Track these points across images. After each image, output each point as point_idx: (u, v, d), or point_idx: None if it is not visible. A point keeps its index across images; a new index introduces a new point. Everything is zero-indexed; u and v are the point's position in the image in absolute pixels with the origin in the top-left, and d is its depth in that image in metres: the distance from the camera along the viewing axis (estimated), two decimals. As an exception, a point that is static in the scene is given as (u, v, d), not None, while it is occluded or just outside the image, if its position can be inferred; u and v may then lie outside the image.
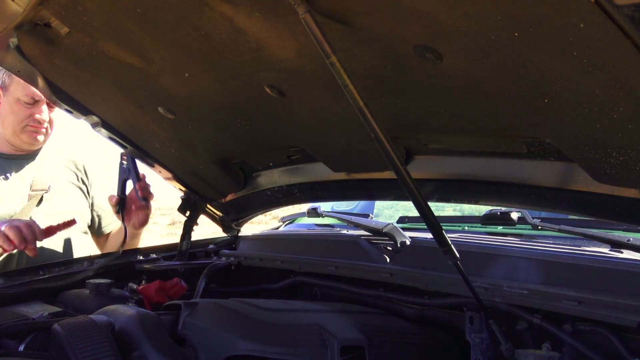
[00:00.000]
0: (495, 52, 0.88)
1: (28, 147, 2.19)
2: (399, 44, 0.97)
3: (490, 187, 1.33)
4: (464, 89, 1.02)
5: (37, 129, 2.13)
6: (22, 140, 2.15)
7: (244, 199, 2.05)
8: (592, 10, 0.70)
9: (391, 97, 1.16)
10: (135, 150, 1.91)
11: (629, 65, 0.77)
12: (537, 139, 1.14)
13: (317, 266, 1.64)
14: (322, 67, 0.98)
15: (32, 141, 2.16)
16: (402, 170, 0.99)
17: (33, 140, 2.16)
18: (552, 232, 1.67)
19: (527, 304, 1.14)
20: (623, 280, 1.05)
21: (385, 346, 1.25)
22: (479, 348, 1.22)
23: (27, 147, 2.19)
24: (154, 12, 1.13)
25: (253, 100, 1.39)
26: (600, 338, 1.08)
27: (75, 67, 1.50)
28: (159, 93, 1.49)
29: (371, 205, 2.62)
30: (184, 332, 1.27)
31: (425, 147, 1.38)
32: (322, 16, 0.93)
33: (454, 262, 1.08)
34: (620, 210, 1.11)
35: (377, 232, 1.62)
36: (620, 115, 0.87)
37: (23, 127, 2.12)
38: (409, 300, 1.43)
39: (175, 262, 1.99)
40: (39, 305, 1.54)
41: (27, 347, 1.27)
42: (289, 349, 1.18)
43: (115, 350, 1.10)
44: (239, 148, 1.77)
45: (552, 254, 1.21)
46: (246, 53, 1.16)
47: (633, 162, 0.96)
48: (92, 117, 1.77)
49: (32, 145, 2.18)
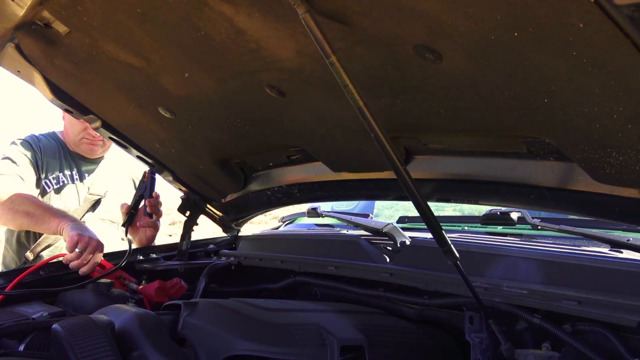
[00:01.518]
0: (495, 52, 0.88)
1: (89, 155, 2.40)
2: (398, 44, 0.97)
3: (490, 187, 1.33)
4: (464, 89, 1.02)
5: (92, 141, 2.33)
6: (81, 150, 2.37)
7: (244, 199, 2.05)
8: (591, 10, 0.70)
9: (391, 97, 1.16)
10: (136, 150, 1.92)
11: (628, 65, 0.77)
12: (537, 139, 1.14)
13: (317, 266, 1.64)
14: (322, 67, 0.98)
15: (89, 152, 2.38)
16: (402, 170, 0.99)
17: (90, 152, 2.37)
18: (552, 232, 1.67)
19: (527, 303, 1.14)
20: (623, 280, 1.05)
21: (385, 346, 1.25)
22: (479, 348, 1.21)
23: (88, 156, 2.40)
24: (154, 12, 1.13)
25: (253, 100, 1.39)
26: (600, 338, 1.08)
27: (75, 67, 1.50)
28: (159, 93, 1.49)
29: (371, 205, 2.62)
30: (184, 332, 1.28)
31: (425, 147, 1.38)
32: (322, 16, 0.93)
33: (454, 262, 1.08)
34: (620, 210, 1.11)
35: (377, 232, 1.62)
36: (620, 115, 0.87)
37: (80, 139, 2.33)
38: (409, 300, 1.43)
39: (175, 262, 1.99)
40: (39, 305, 1.54)
41: (27, 347, 1.27)
42: (289, 348, 1.18)
43: (115, 350, 1.10)
44: (239, 148, 1.77)
45: (551, 254, 1.21)
46: (246, 53, 1.16)
47: (633, 162, 0.96)
48: (92, 117, 1.77)
49: (92, 154, 2.40)
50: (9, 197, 2.04)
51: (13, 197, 2.03)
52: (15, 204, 2.01)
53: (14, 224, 2.09)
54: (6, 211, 2.02)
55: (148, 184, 2.05)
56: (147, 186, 2.05)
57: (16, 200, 2.02)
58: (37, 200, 2.09)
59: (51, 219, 1.91)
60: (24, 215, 1.98)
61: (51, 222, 1.90)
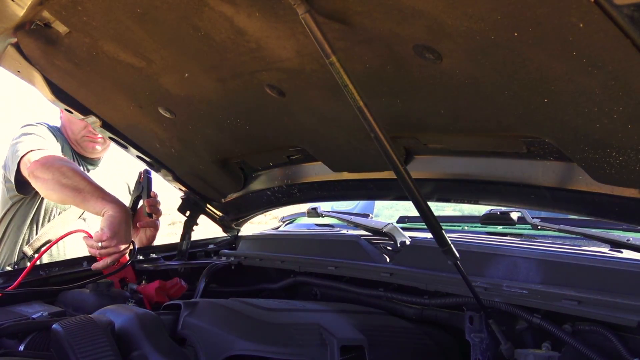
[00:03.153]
0: (495, 52, 0.88)
1: (89, 155, 2.40)
2: (398, 44, 0.97)
3: (490, 187, 1.33)
4: (464, 89, 1.02)
5: (93, 139, 2.34)
6: (83, 148, 2.37)
7: (244, 199, 2.05)
8: (591, 10, 0.70)
9: (391, 97, 1.16)
10: (136, 150, 1.92)
11: (628, 65, 0.77)
12: (537, 139, 1.14)
13: (317, 266, 1.64)
14: (322, 67, 0.98)
15: (92, 150, 2.37)
16: (402, 170, 0.99)
17: (92, 149, 2.37)
18: (552, 232, 1.67)
19: (527, 303, 1.14)
20: (623, 280, 1.05)
21: (385, 346, 1.25)
22: (479, 348, 1.22)
23: (89, 155, 2.41)
24: (154, 12, 1.13)
25: (253, 100, 1.39)
26: (599, 338, 1.08)
27: (75, 67, 1.50)
28: (159, 93, 1.49)
29: (371, 205, 2.62)
30: (184, 332, 1.27)
31: (425, 147, 1.38)
32: (322, 16, 0.93)
33: (454, 262, 1.08)
34: (620, 209, 1.12)
35: (377, 232, 1.62)
36: (620, 115, 0.87)
37: (81, 137, 2.33)
38: (409, 300, 1.43)
39: (175, 262, 1.99)
40: (39, 305, 1.53)
41: (27, 346, 1.27)
42: (289, 348, 1.18)
43: (115, 350, 1.10)
44: (239, 148, 1.77)
45: (551, 254, 1.21)
46: (246, 53, 1.16)
47: (633, 162, 0.96)
48: (92, 117, 1.77)
49: (92, 153, 2.40)
50: (58, 167, 1.94)
51: (64, 169, 1.92)
52: (65, 176, 1.90)
53: (57, 196, 1.96)
54: (54, 182, 1.90)
55: (145, 184, 2.04)
56: (144, 186, 2.04)
57: (67, 172, 1.91)
58: (86, 175, 1.98)
59: (98, 200, 1.84)
60: (71, 190, 1.87)
61: (97, 204, 1.84)
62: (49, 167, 1.94)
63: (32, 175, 1.98)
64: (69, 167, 1.96)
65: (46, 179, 1.93)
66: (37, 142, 2.14)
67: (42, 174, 1.94)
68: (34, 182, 2.00)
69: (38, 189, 2.03)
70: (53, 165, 1.95)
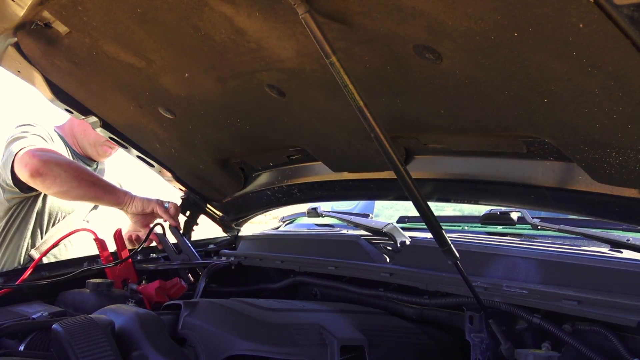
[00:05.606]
0: (495, 52, 0.88)
1: (98, 158, 2.42)
2: (398, 44, 0.97)
3: (490, 187, 1.33)
4: (464, 89, 1.02)
5: (113, 145, 2.32)
6: (97, 152, 2.37)
7: (244, 199, 2.06)
8: (591, 10, 0.70)
9: (391, 97, 1.16)
10: (136, 150, 1.92)
11: (628, 65, 0.77)
12: (537, 139, 1.14)
13: (317, 266, 1.64)
14: (322, 67, 0.98)
15: (105, 154, 2.40)
16: (402, 170, 0.99)
17: (106, 154, 2.40)
18: (552, 232, 1.67)
19: (527, 303, 1.14)
20: (623, 280, 1.05)
21: (385, 346, 1.25)
22: (479, 348, 1.21)
23: (97, 158, 2.42)
24: (154, 12, 1.13)
25: (253, 100, 1.39)
26: (599, 338, 1.08)
27: (75, 67, 1.50)
28: (159, 93, 1.49)
29: (371, 205, 2.62)
30: (184, 332, 1.27)
31: (425, 147, 1.38)
32: (322, 16, 0.93)
33: (454, 261, 1.08)
34: (620, 209, 1.12)
35: (377, 232, 1.62)
36: (620, 115, 0.88)
37: (103, 142, 2.31)
38: (409, 300, 1.43)
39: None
40: (39, 305, 1.54)
41: (27, 346, 1.27)
42: (289, 348, 1.18)
43: (116, 350, 1.10)
44: (239, 148, 1.77)
45: (551, 254, 1.21)
46: (246, 53, 1.16)
47: (633, 162, 0.96)
48: (92, 117, 1.77)
49: (103, 157, 2.42)
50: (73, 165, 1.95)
51: (78, 167, 1.95)
52: (79, 172, 1.91)
53: (76, 192, 1.93)
54: (71, 179, 1.89)
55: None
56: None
57: (80, 169, 1.94)
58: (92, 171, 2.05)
59: (116, 189, 1.88)
60: (90, 185, 1.88)
61: (118, 193, 1.88)
62: (57, 164, 1.92)
63: (36, 174, 1.91)
64: (77, 164, 2.00)
65: (57, 175, 1.90)
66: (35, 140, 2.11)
67: (51, 171, 1.90)
68: (40, 180, 1.92)
69: (47, 187, 1.95)
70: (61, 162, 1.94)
